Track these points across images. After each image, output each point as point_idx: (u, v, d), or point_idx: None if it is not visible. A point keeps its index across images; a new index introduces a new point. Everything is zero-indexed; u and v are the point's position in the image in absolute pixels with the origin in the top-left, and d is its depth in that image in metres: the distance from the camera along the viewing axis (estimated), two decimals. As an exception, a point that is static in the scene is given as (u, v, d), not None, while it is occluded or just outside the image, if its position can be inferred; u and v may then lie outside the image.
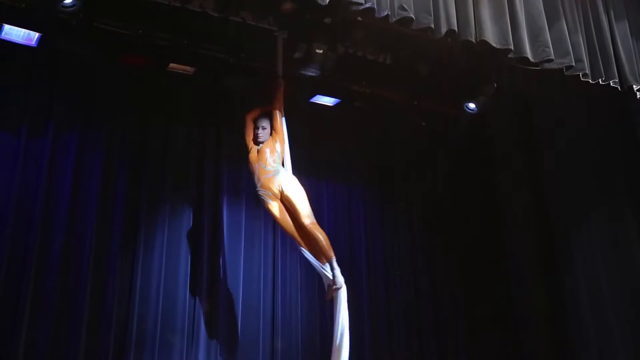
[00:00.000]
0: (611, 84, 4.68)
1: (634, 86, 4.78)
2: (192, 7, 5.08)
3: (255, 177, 4.64)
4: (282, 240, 5.75)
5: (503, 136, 6.71)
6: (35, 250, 4.75)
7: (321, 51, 4.37)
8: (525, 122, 6.44)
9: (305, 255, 4.56)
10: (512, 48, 4.19)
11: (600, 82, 4.63)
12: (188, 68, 5.47)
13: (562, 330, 5.89)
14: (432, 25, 3.88)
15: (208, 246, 5.46)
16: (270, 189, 4.54)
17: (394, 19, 3.78)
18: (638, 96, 4.85)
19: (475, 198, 6.78)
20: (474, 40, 4.07)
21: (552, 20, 4.50)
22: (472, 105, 5.31)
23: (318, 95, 6.01)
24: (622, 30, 4.91)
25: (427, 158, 6.82)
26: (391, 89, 6.47)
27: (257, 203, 5.69)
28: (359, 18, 4.50)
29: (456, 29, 3.99)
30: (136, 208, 5.29)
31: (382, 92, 6.47)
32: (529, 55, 4.27)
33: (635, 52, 4.91)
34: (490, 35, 4.12)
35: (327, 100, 6.12)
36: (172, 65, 5.39)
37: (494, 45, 4.13)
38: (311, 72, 4.59)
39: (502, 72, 5.37)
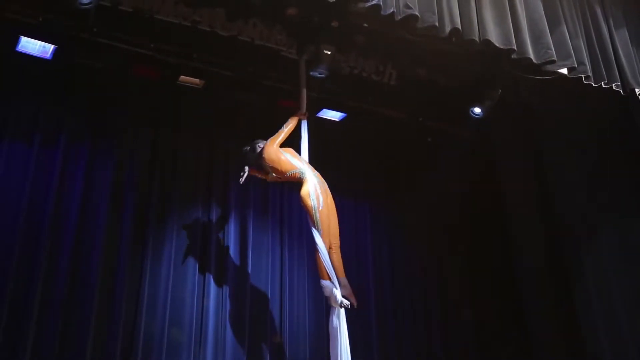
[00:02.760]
0: (614, 88, 4.75)
1: (637, 90, 4.85)
2: (202, 26, 5.31)
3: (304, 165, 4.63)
4: (290, 251, 5.80)
5: (506, 144, 6.75)
6: (44, 258, 4.77)
7: (329, 52, 4.46)
8: (528, 129, 6.47)
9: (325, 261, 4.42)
10: (515, 48, 4.29)
11: (603, 85, 4.71)
12: (197, 81, 5.61)
13: (574, 338, 5.78)
14: (437, 24, 3.99)
15: (215, 256, 5.48)
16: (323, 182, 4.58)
17: (399, 17, 3.88)
18: (641, 101, 4.91)
19: (482, 208, 6.78)
20: (477, 40, 4.17)
21: (553, 25, 4.62)
22: (477, 110, 5.37)
23: (324, 110, 6.10)
24: (622, 38, 5.02)
25: (433, 170, 6.84)
26: (396, 108, 6.62)
27: (264, 214, 5.80)
28: (365, 24, 4.69)
29: (460, 27, 4.09)
30: (145, 218, 5.32)
31: (387, 111, 6.61)
32: (531, 56, 4.36)
33: (636, 59, 5.01)
34: (494, 36, 4.23)
35: (334, 115, 6.22)
36: (182, 77, 5.53)
37: (497, 45, 4.23)
38: (319, 74, 4.67)
39: (505, 82, 5.53)
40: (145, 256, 5.20)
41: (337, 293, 4.29)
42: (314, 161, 5.67)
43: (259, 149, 4.69)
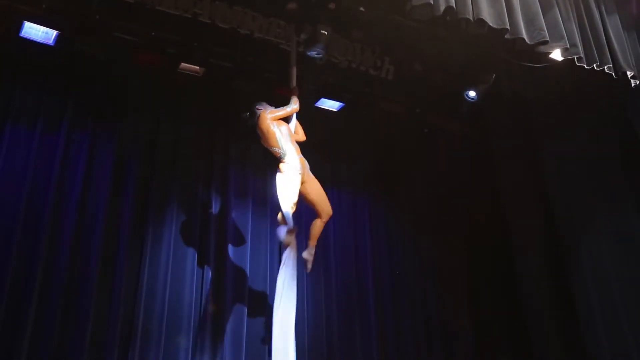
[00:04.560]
0: (606, 70, 4.83)
1: (628, 73, 4.93)
2: (203, 19, 5.41)
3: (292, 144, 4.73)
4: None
5: (505, 141, 6.80)
6: (44, 245, 4.80)
7: (326, 32, 4.55)
8: (527, 126, 6.52)
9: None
10: (509, 28, 4.37)
11: (595, 68, 4.79)
12: (197, 69, 5.70)
13: (573, 332, 5.79)
14: (431, 1, 4.07)
15: (215, 245, 5.50)
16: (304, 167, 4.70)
17: (394, -6, 3.97)
18: (633, 84, 4.98)
19: (480, 202, 6.82)
20: (471, 18, 4.24)
21: (545, 8, 4.70)
22: (472, 94, 5.44)
23: (323, 99, 6.17)
24: (613, 23, 5.11)
25: (430, 163, 6.92)
26: (394, 101, 6.70)
27: (263, 202, 5.83)
28: (362, 8, 4.79)
29: (454, 6, 4.17)
30: (145, 206, 5.36)
31: (385, 105, 6.69)
32: (524, 36, 4.44)
33: (627, 43, 5.11)
34: (487, 15, 4.29)
35: (332, 105, 6.28)
36: (182, 65, 5.61)
37: (491, 24, 4.30)
38: (316, 53, 4.76)
39: (501, 73, 5.63)
40: (145, 242, 5.23)
41: (283, 230, 4.44)
42: (313, 151, 5.79)
43: (257, 112, 4.80)
